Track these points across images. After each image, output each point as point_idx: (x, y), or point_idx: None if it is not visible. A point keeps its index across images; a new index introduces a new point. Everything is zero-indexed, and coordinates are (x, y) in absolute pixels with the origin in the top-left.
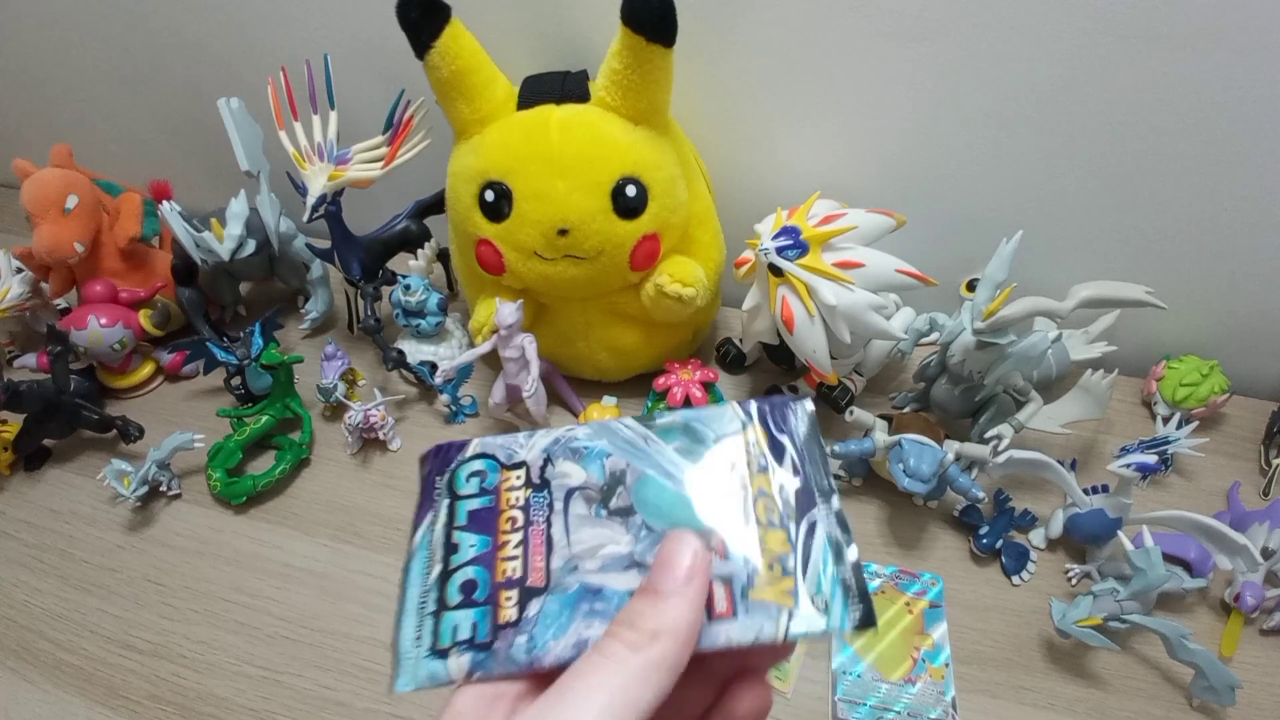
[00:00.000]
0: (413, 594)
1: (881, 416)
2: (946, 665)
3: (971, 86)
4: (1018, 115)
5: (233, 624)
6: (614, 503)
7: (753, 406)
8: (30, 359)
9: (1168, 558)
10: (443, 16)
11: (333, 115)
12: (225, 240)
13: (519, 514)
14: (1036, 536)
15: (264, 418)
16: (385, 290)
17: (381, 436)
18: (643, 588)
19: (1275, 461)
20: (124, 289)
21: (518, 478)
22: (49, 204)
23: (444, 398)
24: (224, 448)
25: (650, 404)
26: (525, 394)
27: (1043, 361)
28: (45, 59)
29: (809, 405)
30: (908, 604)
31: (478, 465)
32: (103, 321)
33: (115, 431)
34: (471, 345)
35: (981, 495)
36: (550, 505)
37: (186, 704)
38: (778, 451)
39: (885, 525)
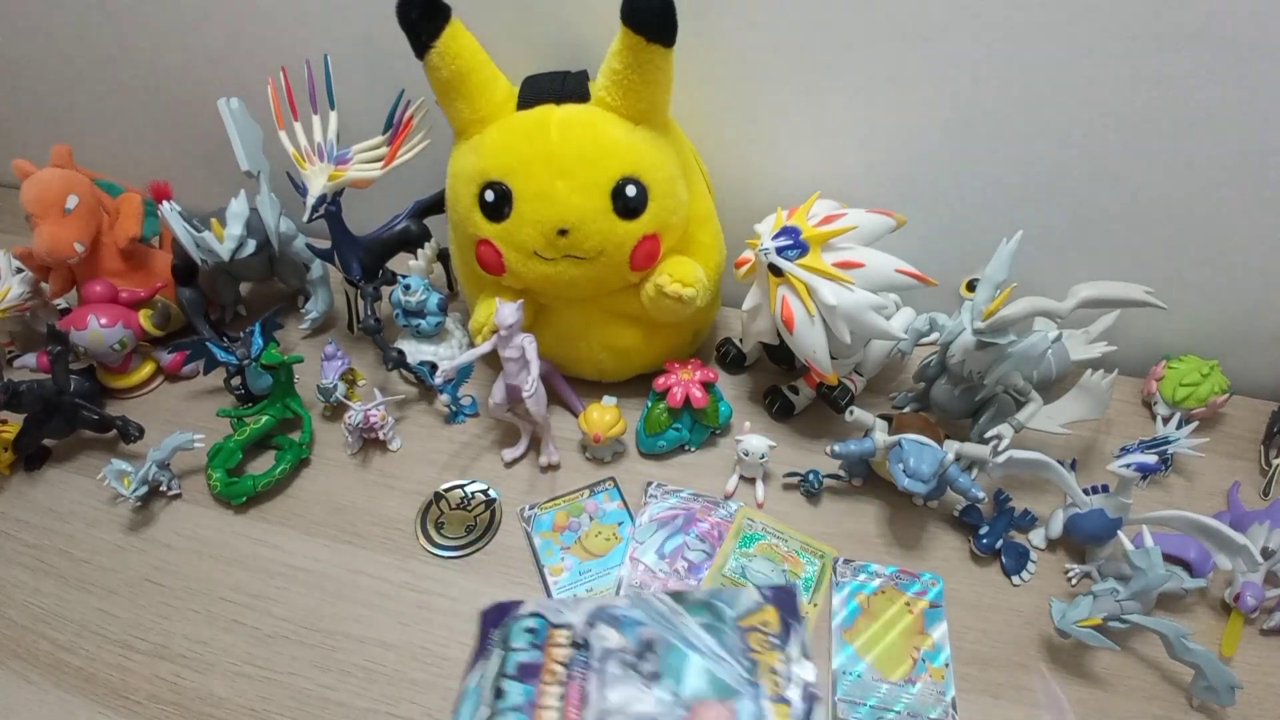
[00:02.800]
0: None
1: (881, 416)
2: (946, 665)
3: (971, 87)
4: (1018, 115)
5: (233, 624)
6: (644, 667)
7: (769, 591)
8: (30, 359)
9: (1168, 558)
10: (443, 16)
11: (333, 115)
12: (225, 240)
13: (560, 669)
14: (1036, 536)
15: (264, 418)
16: (385, 290)
17: (381, 436)
18: None
19: (1275, 461)
20: (124, 289)
21: (564, 636)
22: (49, 204)
23: (444, 398)
24: (224, 448)
25: (650, 404)
26: (525, 394)
27: (1043, 361)
28: (45, 59)
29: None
30: (908, 604)
31: (531, 623)
32: (103, 321)
33: (115, 431)
34: (471, 345)
35: (981, 495)
36: (588, 664)
37: (186, 704)
38: (785, 634)
39: (885, 525)
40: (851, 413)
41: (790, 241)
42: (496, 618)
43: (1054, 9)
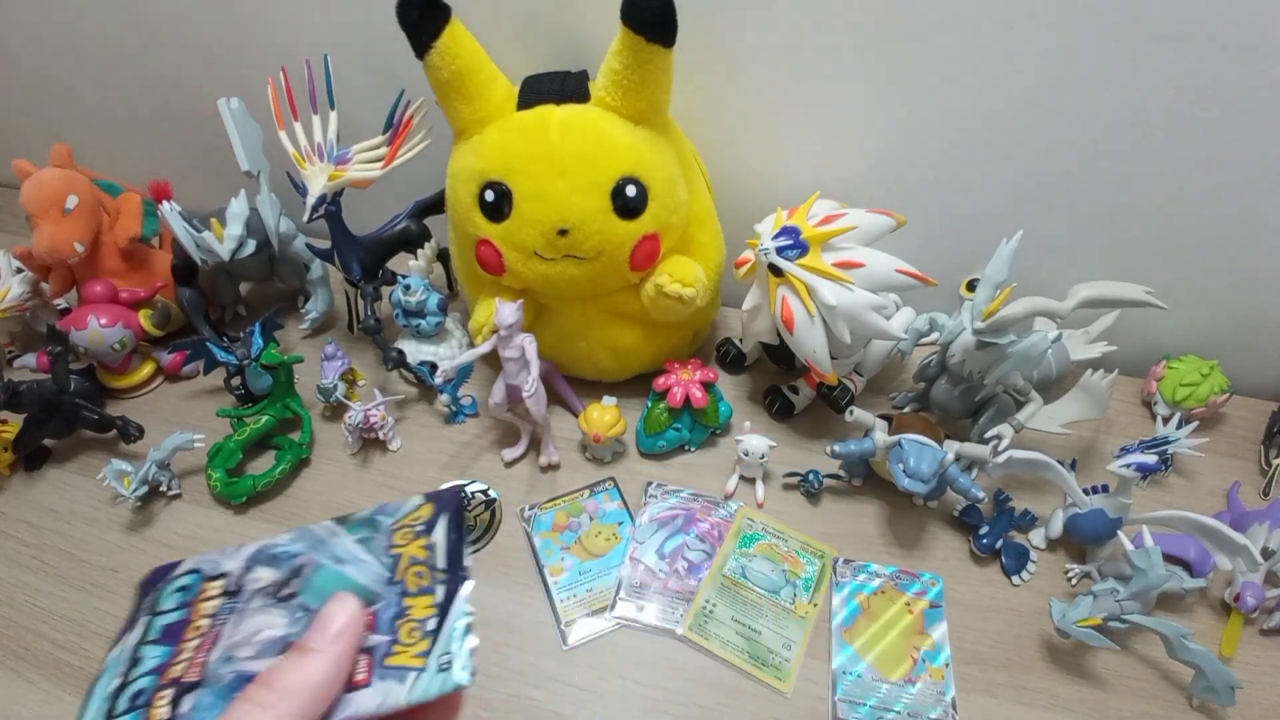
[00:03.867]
0: (91, 709)
1: (881, 416)
2: (946, 665)
3: (971, 86)
4: (1017, 115)
5: None
6: (282, 592)
7: (432, 493)
8: (30, 359)
9: (1168, 558)
10: (443, 16)
11: (333, 115)
12: (225, 240)
13: (206, 621)
14: (1036, 536)
15: (264, 418)
16: (385, 290)
17: (381, 436)
18: (293, 646)
19: (1275, 461)
20: (124, 289)
21: (216, 588)
22: (49, 204)
23: (444, 398)
24: (224, 448)
25: (650, 404)
26: (525, 394)
27: (1043, 361)
28: (45, 59)
29: (471, 490)
30: (908, 604)
31: (184, 581)
32: (103, 321)
33: (115, 431)
34: (471, 345)
35: (981, 495)
36: (234, 608)
37: None
38: (434, 520)
39: (885, 525)
40: (851, 413)
41: (790, 241)
42: (150, 586)
43: (1054, 9)
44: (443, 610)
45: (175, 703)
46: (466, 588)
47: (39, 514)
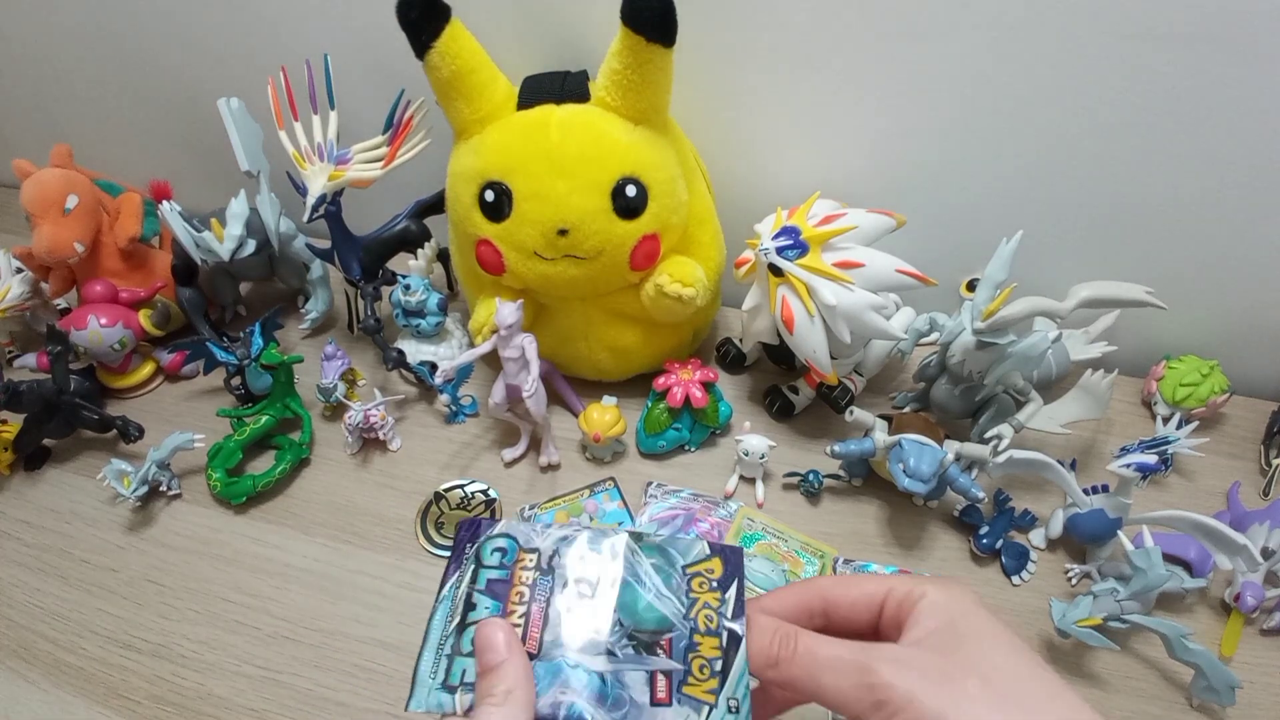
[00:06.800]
0: (434, 635)
1: (881, 416)
2: None
3: (972, 87)
4: (1018, 115)
5: (232, 624)
6: (599, 599)
7: (718, 547)
8: (30, 359)
9: (1168, 558)
10: (443, 16)
11: (333, 115)
12: (225, 240)
13: (526, 590)
14: (1036, 536)
15: (264, 418)
16: (385, 290)
17: (381, 436)
18: (478, 671)
19: (1275, 461)
20: (124, 289)
21: (531, 560)
22: (49, 204)
23: (444, 398)
24: (224, 448)
25: (650, 404)
26: (525, 394)
27: (1043, 361)
28: (45, 59)
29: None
30: None
31: (501, 543)
32: (103, 321)
33: (115, 431)
34: (471, 345)
35: (981, 495)
36: (551, 588)
37: (186, 704)
38: (727, 580)
39: (885, 525)
40: (851, 413)
41: (790, 241)
42: (471, 535)
43: (1054, 9)
44: (726, 655)
45: None
46: (745, 642)
47: (39, 514)
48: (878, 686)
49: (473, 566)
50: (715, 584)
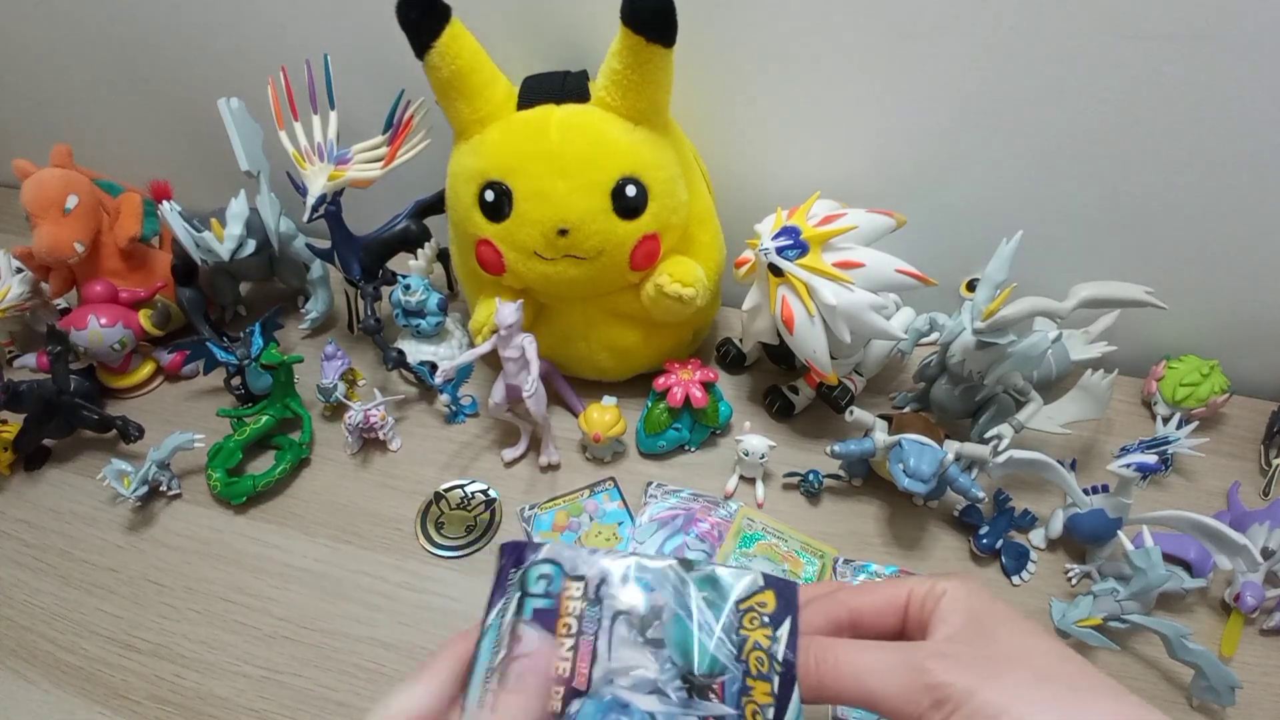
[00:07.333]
0: (480, 667)
1: (881, 416)
2: None
3: (972, 86)
4: (1018, 115)
5: (233, 624)
6: (649, 633)
7: (772, 579)
8: (30, 359)
9: (1168, 558)
10: (443, 16)
11: (333, 115)
12: (225, 240)
13: (574, 621)
14: (1036, 536)
15: (264, 418)
16: (385, 290)
17: (381, 436)
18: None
19: (1275, 461)
20: (124, 289)
21: (577, 589)
22: (49, 204)
23: (444, 398)
24: (224, 448)
25: (650, 404)
26: (525, 394)
27: (1043, 361)
28: (45, 59)
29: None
30: None
31: (546, 569)
32: (103, 321)
33: (115, 431)
34: (471, 345)
35: (981, 495)
36: (599, 621)
37: (186, 704)
38: (779, 616)
39: (885, 525)
40: (851, 413)
41: (790, 241)
42: (515, 559)
43: (1054, 9)
44: (779, 701)
45: (565, 701)
46: (798, 688)
47: (39, 514)
48: (934, 686)
49: (518, 594)
50: (767, 619)
